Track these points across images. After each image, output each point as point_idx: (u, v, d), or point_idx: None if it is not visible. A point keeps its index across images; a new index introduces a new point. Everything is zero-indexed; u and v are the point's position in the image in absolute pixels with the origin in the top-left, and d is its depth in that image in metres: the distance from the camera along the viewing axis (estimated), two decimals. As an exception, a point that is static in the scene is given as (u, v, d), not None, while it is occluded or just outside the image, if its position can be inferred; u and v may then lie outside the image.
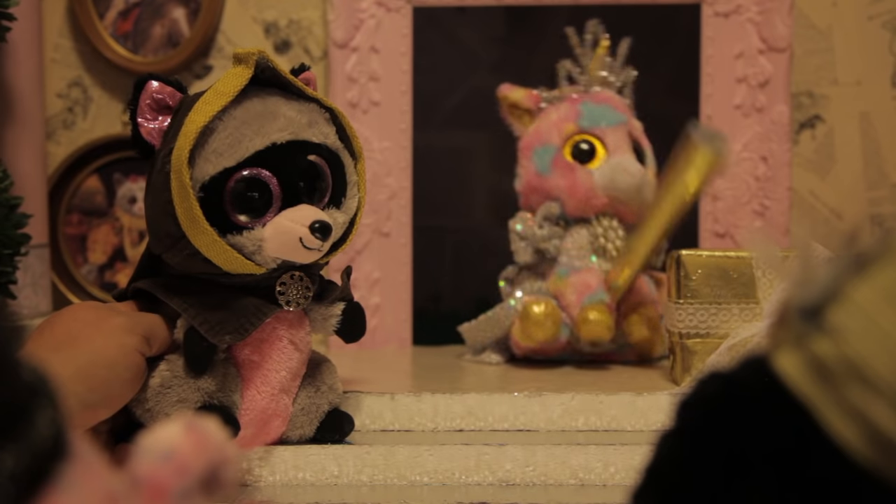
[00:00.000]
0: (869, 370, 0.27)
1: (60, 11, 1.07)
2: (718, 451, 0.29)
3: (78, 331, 0.57)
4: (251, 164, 0.59)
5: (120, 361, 0.57)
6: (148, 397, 0.60)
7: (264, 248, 0.59)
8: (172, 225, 0.59)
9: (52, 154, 1.06)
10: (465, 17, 1.02)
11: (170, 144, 0.59)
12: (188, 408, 0.60)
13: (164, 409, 0.60)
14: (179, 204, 0.58)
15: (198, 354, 0.59)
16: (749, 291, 0.75)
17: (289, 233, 0.59)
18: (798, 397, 0.29)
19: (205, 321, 0.59)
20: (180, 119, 0.59)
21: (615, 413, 0.71)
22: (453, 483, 0.66)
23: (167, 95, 0.60)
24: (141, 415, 0.61)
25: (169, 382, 0.60)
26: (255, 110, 0.60)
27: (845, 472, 0.28)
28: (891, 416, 0.27)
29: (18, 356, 0.26)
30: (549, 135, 0.89)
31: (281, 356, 0.63)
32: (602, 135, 0.88)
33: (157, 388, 0.60)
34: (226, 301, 0.60)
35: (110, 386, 0.57)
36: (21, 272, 0.85)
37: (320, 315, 0.65)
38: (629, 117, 0.90)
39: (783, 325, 0.30)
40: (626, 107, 0.91)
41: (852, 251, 0.29)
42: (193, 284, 0.61)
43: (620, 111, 0.89)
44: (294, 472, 0.66)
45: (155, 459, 0.28)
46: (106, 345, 0.57)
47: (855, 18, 1.03)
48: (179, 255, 0.60)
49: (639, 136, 0.90)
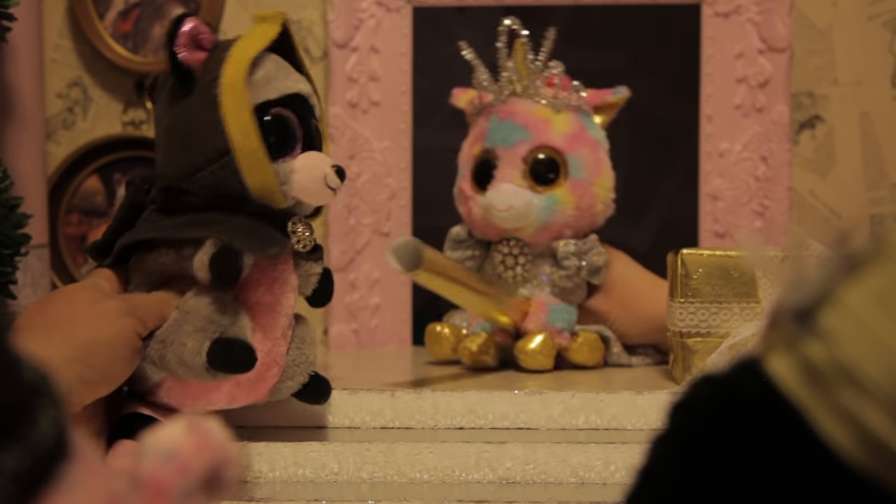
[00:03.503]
0: (860, 373, 0.27)
1: (60, 11, 1.07)
2: (711, 454, 0.29)
3: (72, 313, 0.58)
4: (282, 105, 0.64)
5: (118, 341, 0.58)
6: (162, 333, 0.61)
7: (292, 180, 0.64)
8: (221, 142, 0.61)
9: (52, 154, 1.06)
10: (465, 17, 1.02)
11: (214, 72, 0.63)
12: (206, 337, 0.60)
13: (181, 338, 0.61)
14: (234, 121, 0.62)
15: (229, 271, 0.60)
16: (750, 291, 0.75)
17: (316, 168, 0.64)
18: (790, 400, 0.29)
19: (244, 239, 0.61)
20: (219, 54, 0.63)
21: (615, 411, 0.71)
22: (453, 480, 0.66)
23: (205, 34, 0.64)
24: (155, 351, 0.61)
25: (182, 318, 0.61)
26: (279, 62, 0.66)
27: (837, 475, 0.28)
28: (882, 418, 0.27)
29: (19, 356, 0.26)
30: (463, 155, 0.89)
31: (288, 300, 0.65)
32: (499, 156, 0.84)
33: (171, 325, 0.61)
34: (251, 226, 0.63)
35: (111, 363, 0.58)
36: (21, 272, 0.85)
37: (304, 271, 0.67)
38: (537, 129, 0.84)
39: (775, 328, 0.30)
40: (538, 117, 0.84)
41: (844, 253, 0.29)
42: (208, 216, 0.63)
43: (521, 125, 0.84)
44: (294, 469, 0.66)
45: (156, 459, 0.28)
46: (103, 326, 0.58)
47: (855, 18, 1.03)
48: (212, 176, 0.62)
49: (558, 145, 0.84)
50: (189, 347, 0.60)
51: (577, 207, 0.84)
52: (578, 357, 0.84)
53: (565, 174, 0.84)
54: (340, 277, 0.92)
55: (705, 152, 0.98)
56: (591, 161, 0.85)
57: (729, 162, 0.98)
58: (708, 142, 0.98)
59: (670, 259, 0.79)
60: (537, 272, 0.85)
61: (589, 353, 0.84)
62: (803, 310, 0.29)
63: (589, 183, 0.85)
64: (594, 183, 0.85)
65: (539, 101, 0.86)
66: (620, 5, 0.99)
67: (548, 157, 0.84)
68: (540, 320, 0.83)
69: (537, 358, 0.81)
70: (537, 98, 0.86)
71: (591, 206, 0.85)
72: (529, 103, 0.86)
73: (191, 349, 0.60)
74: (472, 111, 0.89)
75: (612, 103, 0.88)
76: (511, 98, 0.86)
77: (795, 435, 0.28)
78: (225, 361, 0.60)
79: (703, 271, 0.76)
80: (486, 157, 0.86)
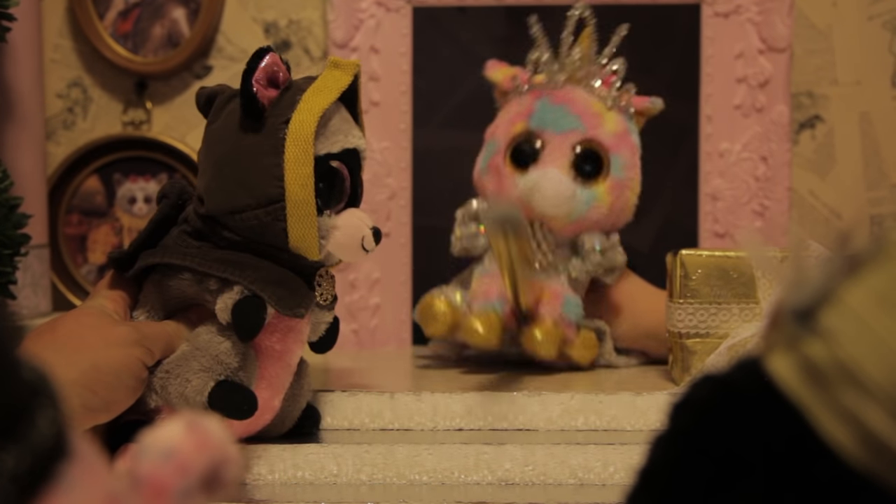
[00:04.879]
0: (861, 373, 0.27)
1: (60, 11, 1.07)
2: (712, 454, 0.29)
3: (81, 336, 0.57)
4: (339, 158, 0.63)
5: (124, 370, 0.57)
6: (169, 364, 0.61)
7: (332, 236, 0.63)
8: (276, 189, 0.60)
9: (52, 154, 1.06)
10: (465, 17, 1.02)
11: (284, 115, 0.61)
12: (211, 378, 0.60)
13: (186, 373, 0.60)
14: (294, 170, 0.60)
15: (252, 323, 0.60)
16: (749, 291, 0.75)
17: (358, 228, 0.64)
18: (791, 400, 0.29)
19: (273, 294, 0.60)
20: (292, 96, 0.62)
21: (614, 413, 0.71)
22: (452, 482, 0.66)
23: (281, 72, 0.62)
24: (158, 380, 0.61)
25: (191, 354, 0.61)
26: (344, 116, 0.65)
27: (838, 475, 0.28)
28: (883, 418, 0.27)
29: (19, 356, 0.26)
30: (499, 131, 0.86)
31: (297, 349, 0.65)
32: (546, 140, 0.83)
33: (179, 358, 0.61)
34: (282, 278, 0.62)
35: (114, 391, 0.57)
36: (21, 272, 0.85)
37: (316, 319, 0.66)
38: (591, 122, 0.84)
39: (776, 328, 0.30)
40: (593, 110, 0.84)
41: (845, 253, 0.29)
42: (242, 258, 0.62)
43: (577, 114, 0.84)
44: (293, 471, 0.66)
45: (155, 458, 0.28)
46: (110, 354, 0.57)
47: (855, 18, 1.03)
48: (256, 220, 0.61)
49: (606, 142, 0.84)
50: (192, 385, 0.60)
51: (612, 207, 0.84)
52: (575, 353, 0.83)
53: (607, 172, 0.84)
54: (341, 277, 0.92)
55: (705, 152, 0.98)
56: (630, 164, 0.85)
57: (729, 162, 0.98)
58: (708, 142, 0.98)
59: (669, 260, 0.79)
60: (557, 262, 0.84)
61: (585, 350, 0.84)
62: (804, 309, 0.29)
63: (626, 185, 0.85)
64: (629, 186, 0.85)
65: (596, 94, 0.85)
66: (620, 5, 0.99)
67: (594, 152, 0.84)
68: (556, 310, 0.82)
69: (547, 346, 0.79)
70: (593, 91, 0.85)
71: (623, 208, 0.85)
72: (585, 94, 0.85)
73: (194, 387, 0.60)
74: (510, 87, 0.87)
75: (645, 110, 0.88)
76: (567, 84, 0.85)
77: (796, 435, 0.28)
78: (225, 406, 0.60)
79: (701, 272, 0.76)
80: (529, 137, 0.84)
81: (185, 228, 0.64)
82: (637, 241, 1.00)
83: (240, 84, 0.62)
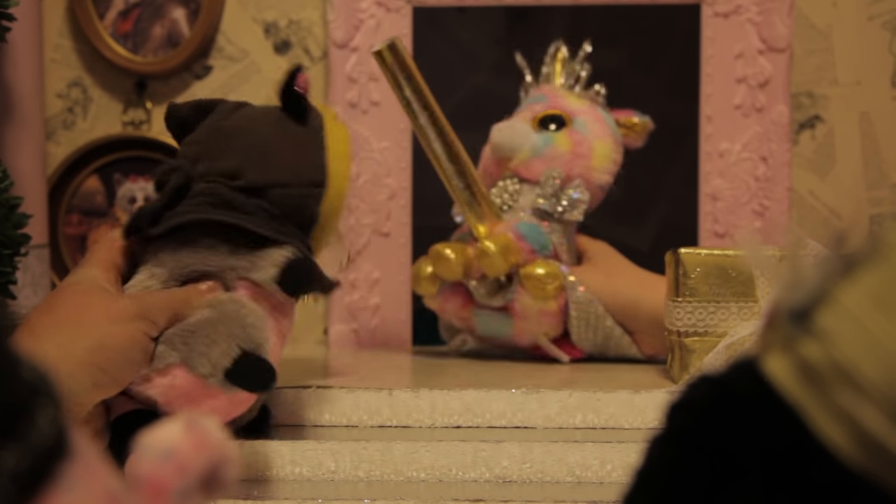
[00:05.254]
0: (857, 374, 0.27)
1: (60, 11, 1.07)
2: (708, 455, 0.29)
3: (82, 314, 0.57)
4: None
5: (130, 345, 0.58)
6: (192, 324, 0.60)
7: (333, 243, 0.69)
8: (319, 173, 0.65)
9: (52, 154, 1.06)
10: (465, 17, 1.02)
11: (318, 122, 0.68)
12: (237, 345, 0.59)
13: (212, 334, 0.59)
14: (336, 162, 0.66)
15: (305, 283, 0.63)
16: (748, 290, 0.75)
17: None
18: (787, 400, 0.29)
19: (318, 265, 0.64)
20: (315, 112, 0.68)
21: (613, 410, 0.71)
22: (450, 479, 0.66)
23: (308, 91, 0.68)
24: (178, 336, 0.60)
25: (218, 319, 0.60)
26: None
27: (834, 475, 0.28)
28: (879, 418, 0.27)
29: (19, 355, 0.26)
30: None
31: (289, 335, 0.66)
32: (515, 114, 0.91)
33: (203, 321, 0.60)
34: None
35: (122, 367, 0.57)
36: (21, 272, 0.85)
37: None
38: (554, 98, 0.90)
39: (772, 328, 0.30)
40: (558, 93, 0.91)
41: (841, 253, 0.29)
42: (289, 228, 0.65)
43: (542, 94, 0.91)
44: (291, 468, 0.66)
45: (155, 458, 0.28)
46: (116, 330, 0.57)
47: (855, 18, 1.03)
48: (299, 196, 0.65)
49: (569, 109, 0.89)
50: (220, 347, 0.59)
51: (573, 152, 0.86)
52: (533, 282, 0.82)
53: (569, 127, 0.88)
54: (341, 277, 0.92)
55: (705, 152, 0.99)
56: (595, 127, 0.88)
57: (729, 162, 0.98)
58: (708, 142, 0.98)
59: (668, 258, 0.79)
60: (524, 202, 0.86)
61: (547, 277, 0.83)
62: (800, 310, 0.29)
63: (588, 138, 0.87)
64: (593, 143, 0.87)
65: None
66: (620, 5, 0.99)
67: (557, 115, 0.88)
68: (509, 226, 0.84)
69: (496, 258, 0.81)
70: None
71: (586, 156, 0.87)
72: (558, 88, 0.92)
73: (221, 349, 0.59)
74: None
75: (630, 123, 0.91)
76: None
77: (792, 435, 0.28)
78: (247, 376, 0.59)
79: (700, 270, 0.76)
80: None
81: (203, 199, 0.63)
82: (637, 241, 1.00)
83: (281, 86, 0.66)
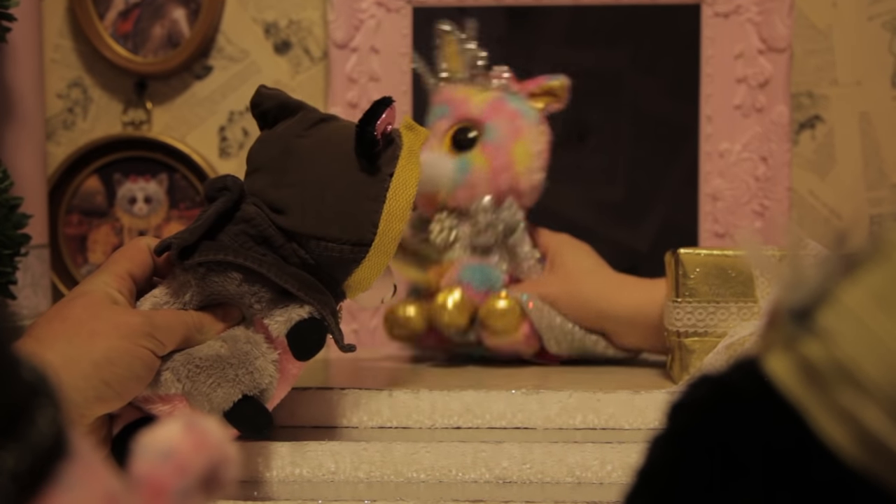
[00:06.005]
0: (859, 373, 0.27)
1: (60, 11, 1.07)
2: (709, 454, 0.29)
3: (92, 325, 0.57)
4: None
5: (137, 361, 0.57)
6: (202, 360, 0.60)
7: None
8: (369, 232, 0.63)
9: (52, 154, 1.06)
10: (465, 17, 1.02)
11: (389, 168, 0.64)
12: (241, 390, 0.60)
13: (218, 379, 0.60)
14: (389, 223, 0.63)
15: (313, 347, 0.62)
16: (747, 290, 0.75)
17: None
18: (788, 400, 0.29)
19: (334, 325, 0.63)
20: (393, 151, 0.65)
21: (613, 411, 0.71)
22: (450, 480, 0.66)
23: (392, 125, 0.65)
24: (185, 368, 0.60)
25: (228, 361, 0.60)
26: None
27: (836, 475, 0.28)
28: (881, 418, 0.27)
29: (19, 355, 0.26)
30: None
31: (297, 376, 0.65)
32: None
33: (214, 358, 0.60)
34: (335, 310, 0.64)
35: (127, 383, 0.57)
36: (21, 272, 0.85)
37: None
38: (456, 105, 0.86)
39: (773, 327, 0.30)
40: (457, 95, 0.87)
41: (843, 252, 0.29)
42: (314, 282, 0.63)
43: (442, 103, 0.87)
44: (291, 469, 0.66)
45: (154, 458, 0.28)
46: (124, 346, 0.57)
47: (855, 18, 1.03)
48: (339, 253, 0.62)
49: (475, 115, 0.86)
50: (222, 390, 0.60)
51: (492, 169, 0.85)
52: (494, 321, 0.82)
53: (482, 141, 0.86)
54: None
55: (705, 152, 0.99)
56: (508, 128, 0.86)
57: (729, 162, 0.98)
58: (708, 142, 0.98)
59: (668, 258, 0.79)
60: (463, 235, 0.85)
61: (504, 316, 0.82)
62: (801, 309, 0.29)
63: (503, 146, 0.85)
64: (510, 148, 0.86)
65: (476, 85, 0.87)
66: (620, 5, 0.99)
67: (465, 127, 0.86)
68: (452, 276, 0.83)
69: (451, 312, 0.82)
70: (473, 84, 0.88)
71: (507, 167, 0.85)
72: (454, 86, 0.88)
73: (223, 393, 0.60)
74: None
75: (547, 87, 0.88)
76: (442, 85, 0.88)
77: (794, 435, 0.28)
78: (244, 421, 0.60)
79: (700, 271, 0.76)
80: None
81: (245, 229, 0.62)
82: (637, 241, 1.00)
83: (360, 122, 0.63)
